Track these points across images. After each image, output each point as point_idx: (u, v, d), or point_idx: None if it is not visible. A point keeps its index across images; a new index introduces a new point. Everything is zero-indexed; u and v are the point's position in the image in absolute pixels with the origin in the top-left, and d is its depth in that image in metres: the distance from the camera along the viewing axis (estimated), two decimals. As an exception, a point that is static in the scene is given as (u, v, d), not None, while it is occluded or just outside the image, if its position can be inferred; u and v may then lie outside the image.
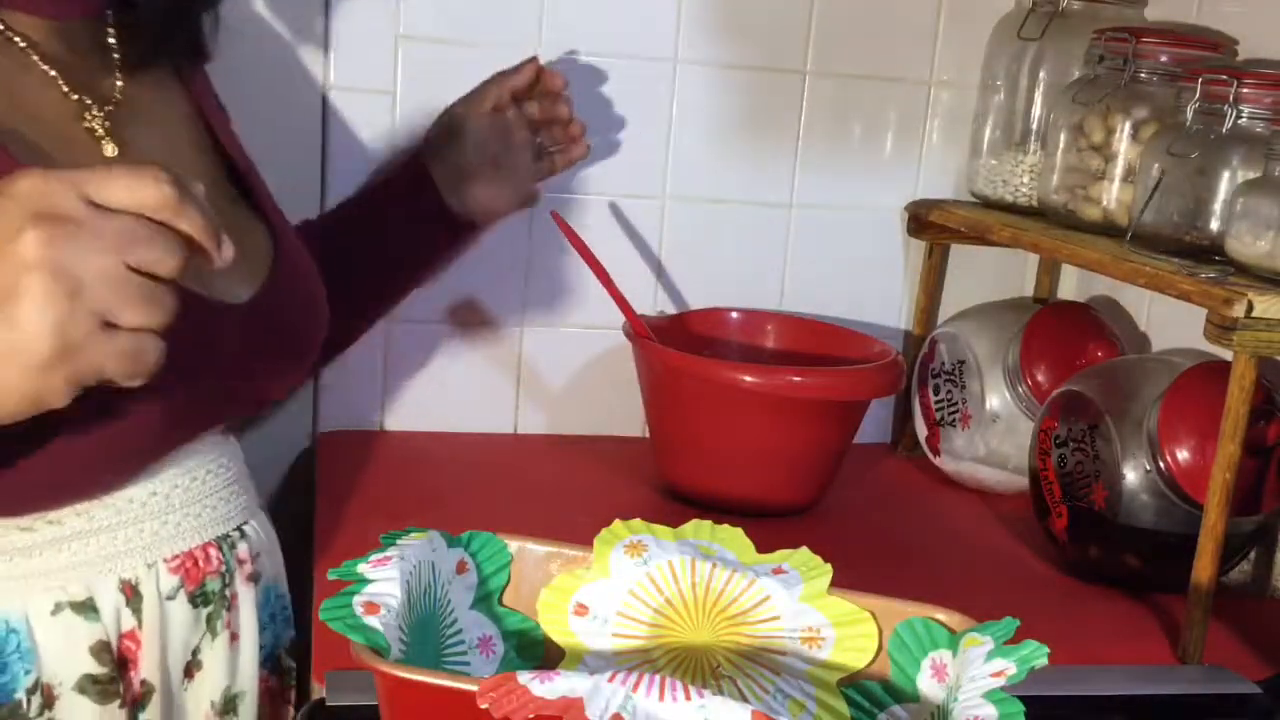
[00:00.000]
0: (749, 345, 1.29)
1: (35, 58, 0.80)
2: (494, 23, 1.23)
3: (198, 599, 0.84)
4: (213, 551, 0.86)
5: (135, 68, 0.86)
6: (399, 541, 0.62)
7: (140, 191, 0.58)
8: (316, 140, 1.22)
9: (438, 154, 1.12)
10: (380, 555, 0.61)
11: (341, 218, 1.16)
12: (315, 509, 1.10)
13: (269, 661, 0.92)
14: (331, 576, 0.59)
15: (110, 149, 0.81)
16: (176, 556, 0.83)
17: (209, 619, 0.85)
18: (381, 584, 0.58)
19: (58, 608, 0.78)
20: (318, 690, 0.81)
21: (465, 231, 1.14)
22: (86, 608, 0.79)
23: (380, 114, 1.23)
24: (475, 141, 1.11)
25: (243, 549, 0.88)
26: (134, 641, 0.81)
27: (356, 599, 0.57)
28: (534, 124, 1.14)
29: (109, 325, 0.58)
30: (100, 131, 0.81)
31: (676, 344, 1.18)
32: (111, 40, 0.86)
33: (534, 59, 1.14)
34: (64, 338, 0.56)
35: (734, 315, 1.30)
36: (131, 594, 0.81)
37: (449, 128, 1.12)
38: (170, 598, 0.83)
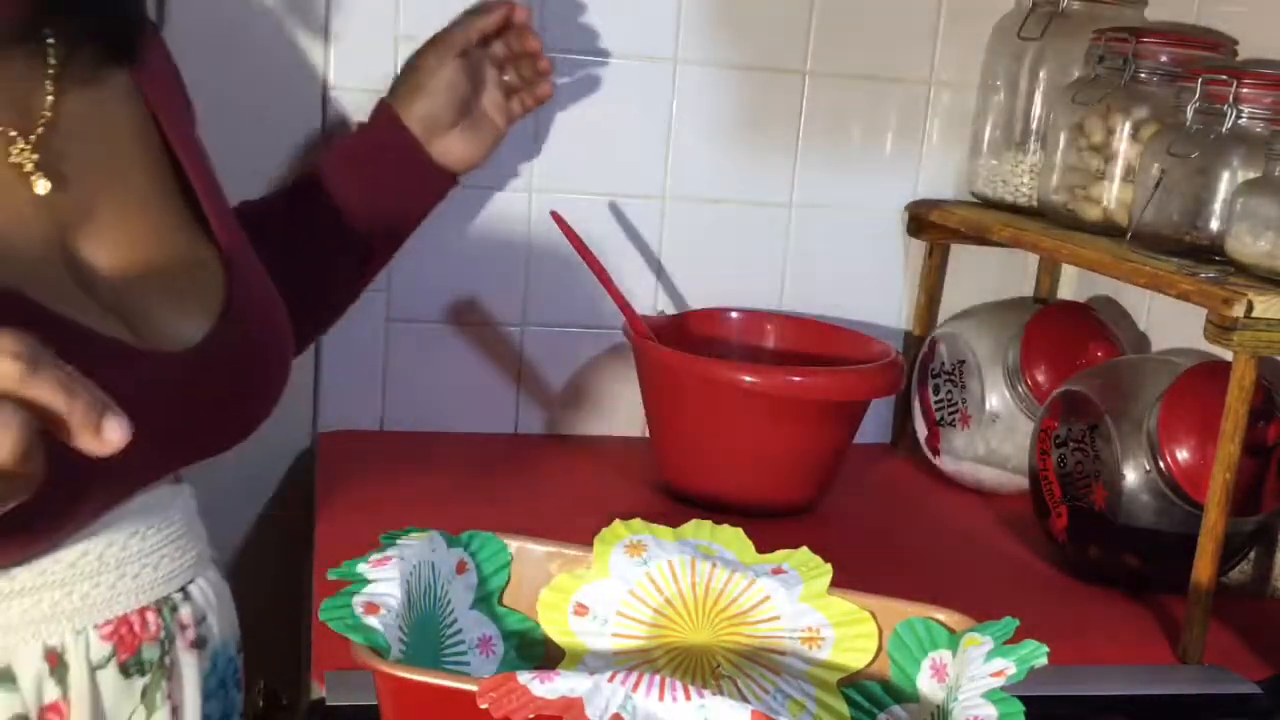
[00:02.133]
0: (749, 345, 1.29)
1: None
2: (494, 23, 1.23)
3: (131, 668, 0.76)
4: (151, 616, 0.77)
5: (71, 80, 0.79)
6: (399, 541, 0.62)
7: None
8: (316, 140, 1.22)
9: (409, 108, 1.09)
10: (380, 555, 0.61)
11: (311, 183, 1.09)
12: (315, 509, 1.10)
13: None
14: (331, 576, 0.59)
15: (41, 185, 0.75)
16: (109, 622, 0.75)
17: (144, 691, 0.77)
18: (381, 584, 0.58)
19: None
20: (318, 690, 0.81)
21: (445, 182, 1.13)
22: (4, 677, 0.72)
23: (380, 114, 1.23)
24: (447, 91, 1.09)
25: (185, 612, 0.80)
26: (58, 715, 0.74)
27: (356, 599, 0.57)
28: (499, 62, 1.13)
29: None
30: (29, 166, 0.75)
31: (676, 344, 1.18)
32: (50, 51, 0.79)
33: (506, 3, 1.12)
34: None
35: (734, 315, 1.30)
36: (56, 663, 0.73)
37: (419, 80, 1.09)
38: (100, 667, 0.75)
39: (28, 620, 0.72)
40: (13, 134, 0.75)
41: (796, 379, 1.12)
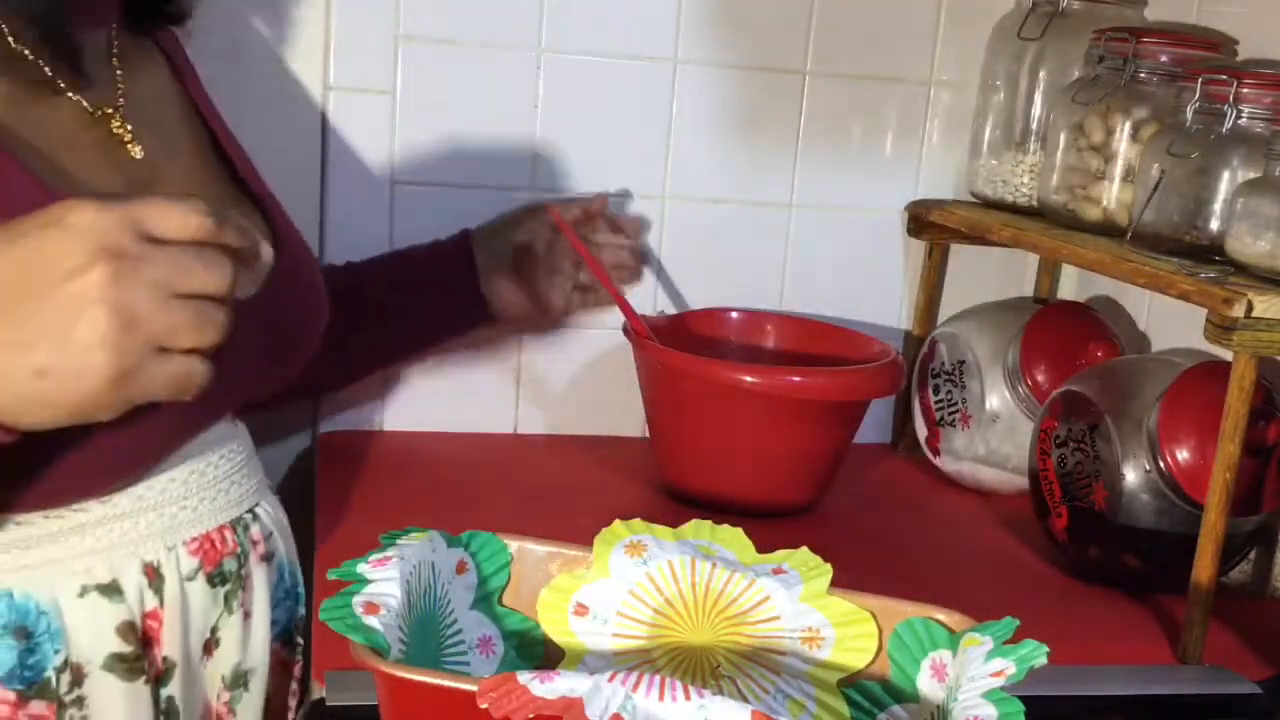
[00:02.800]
0: (749, 345, 1.29)
1: (59, 81, 0.82)
2: (494, 23, 1.23)
3: (215, 579, 0.88)
4: (228, 534, 0.89)
5: (125, 63, 0.88)
6: (399, 541, 0.62)
7: (186, 221, 0.63)
8: (316, 140, 1.22)
9: (485, 240, 1.19)
10: (380, 555, 0.61)
11: (377, 266, 1.20)
12: (315, 509, 1.10)
13: (282, 636, 0.95)
14: (331, 576, 0.59)
15: (138, 151, 0.85)
16: (195, 539, 0.87)
17: (226, 598, 0.89)
18: (381, 584, 0.58)
19: (84, 590, 0.81)
20: (318, 690, 0.81)
21: (482, 318, 1.20)
22: (112, 590, 0.82)
23: (380, 114, 1.23)
24: (520, 244, 1.19)
25: (255, 530, 0.92)
26: (156, 621, 0.84)
27: (356, 599, 0.57)
28: (576, 260, 1.21)
29: (162, 350, 0.63)
30: (128, 136, 0.84)
31: (676, 344, 1.18)
32: (114, 36, 0.88)
33: (603, 198, 1.23)
34: (121, 366, 0.62)
35: (734, 315, 1.30)
36: (153, 576, 0.84)
37: (504, 223, 1.20)
38: (190, 579, 0.86)
39: (128, 540, 0.83)
40: (109, 110, 0.84)
41: (796, 379, 1.12)
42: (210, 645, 0.89)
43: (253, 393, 0.93)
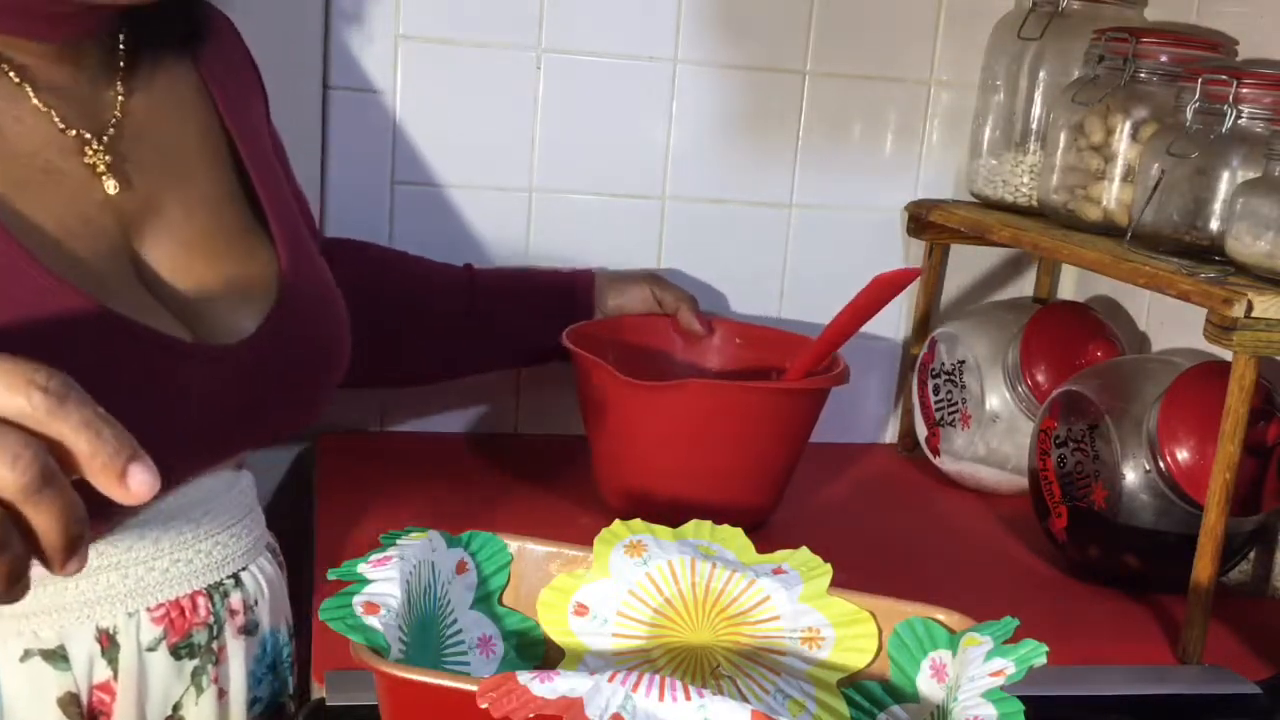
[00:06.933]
0: (692, 353, 1.23)
1: (29, 90, 0.75)
2: (494, 23, 1.23)
3: (181, 651, 0.79)
4: (201, 601, 0.80)
5: (136, 79, 0.81)
6: (399, 541, 0.62)
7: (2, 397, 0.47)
8: (316, 140, 1.22)
9: (606, 286, 1.21)
10: (380, 555, 0.61)
11: (494, 276, 1.19)
12: (315, 509, 1.10)
13: (267, 713, 0.87)
14: (331, 576, 0.59)
15: (111, 185, 0.77)
16: (161, 605, 0.78)
17: (194, 673, 0.80)
18: (381, 584, 0.58)
19: (27, 654, 0.74)
20: (318, 690, 0.81)
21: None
22: (57, 656, 0.75)
23: (380, 114, 1.23)
24: (637, 302, 1.21)
25: (236, 598, 0.82)
26: (108, 694, 0.77)
27: (356, 599, 0.57)
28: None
29: None
30: (101, 167, 0.77)
31: (621, 355, 1.12)
32: (121, 48, 0.81)
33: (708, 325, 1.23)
34: None
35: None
36: (108, 643, 0.76)
37: (627, 282, 1.22)
38: (151, 649, 0.78)
39: (83, 601, 0.75)
40: (87, 136, 0.77)
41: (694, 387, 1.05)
42: None
43: (257, 440, 0.84)
